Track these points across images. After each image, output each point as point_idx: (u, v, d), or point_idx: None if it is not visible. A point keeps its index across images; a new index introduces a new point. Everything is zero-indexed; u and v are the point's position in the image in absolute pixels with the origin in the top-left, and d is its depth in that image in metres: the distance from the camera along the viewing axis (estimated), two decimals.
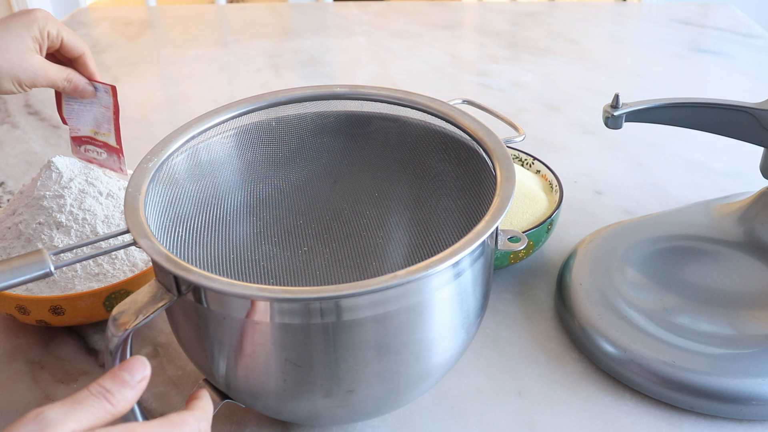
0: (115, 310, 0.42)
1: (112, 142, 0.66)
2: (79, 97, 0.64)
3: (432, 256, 0.41)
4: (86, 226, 0.62)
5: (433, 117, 0.57)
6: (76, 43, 0.62)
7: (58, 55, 0.63)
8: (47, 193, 0.63)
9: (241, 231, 0.59)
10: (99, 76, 0.65)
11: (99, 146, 0.67)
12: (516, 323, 0.63)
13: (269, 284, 0.50)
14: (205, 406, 0.42)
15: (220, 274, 0.47)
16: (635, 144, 0.93)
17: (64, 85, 0.62)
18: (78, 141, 0.68)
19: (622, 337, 0.56)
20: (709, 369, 0.53)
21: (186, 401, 0.43)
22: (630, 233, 0.68)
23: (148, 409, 0.55)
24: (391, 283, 0.40)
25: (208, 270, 0.47)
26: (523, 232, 0.60)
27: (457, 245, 0.42)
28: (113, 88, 0.64)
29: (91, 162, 0.68)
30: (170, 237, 0.50)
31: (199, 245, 0.54)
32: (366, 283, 0.40)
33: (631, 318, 0.58)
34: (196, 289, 0.42)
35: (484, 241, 0.43)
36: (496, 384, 0.57)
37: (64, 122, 0.67)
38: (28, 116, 1.08)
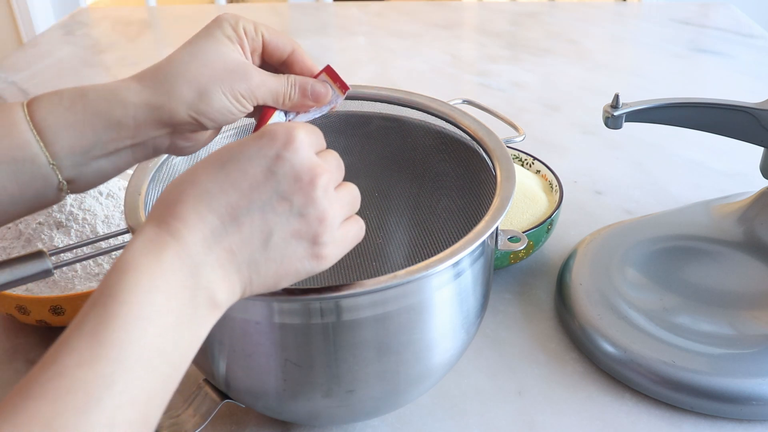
0: None
1: None
2: (313, 103, 0.46)
3: (432, 256, 0.41)
4: (86, 226, 0.62)
5: (433, 117, 0.57)
6: (280, 39, 0.45)
7: (264, 64, 0.46)
8: None
9: None
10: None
11: None
12: (516, 323, 0.63)
13: None
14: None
15: None
16: (635, 144, 0.93)
17: (288, 92, 0.45)
18: None
19: (622, 337, 0.56)
20: (709, 369, 0.53)
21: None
22: (630, 233, 0.68)
23: None
24: (391, 283, 0.40)
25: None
26: (523, 232, 0.60)
27: (457, 245, 0.42)
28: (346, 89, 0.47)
29: None
30: None
31: None
32: (366, 283, 0.40)
33: (631, 318, 0.58)
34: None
35: (484, 241, 0.44)
36: (496, 384, 0.57)
37: None
38: None
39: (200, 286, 0.33)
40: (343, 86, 0.47)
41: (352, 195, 0.39)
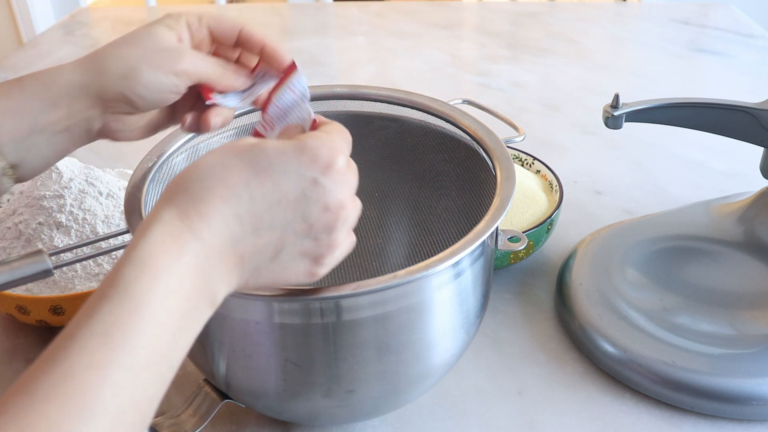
0: None
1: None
2: (245, 85, 0.46)
3: (432, 256, 0.41)
4: (86, 226, 0.62)
5: (433, 117, 0.57)
6: (225, 24, 0.46)
7: (219, 55, 0.47)
8: (47, 193, 0.63)
9: None
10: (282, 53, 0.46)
11: None
12: (516, 323, 0.63)
13: None
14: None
15: None
16: (635, 144, 0.93)
17: (218, 72, 0.45)
18: None
19: (622, 337, 0.56)
20: (709, 369, 0.53)
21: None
22: (630, 233, 0.68)
23: None
24: (391, 283, 0.40)
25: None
26: (523, 232, 0.60)
27: (457, 245, 0.42)
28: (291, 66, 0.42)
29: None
30: None
31: None
32: (366, 283, 0.40)
33: (631, 318, 0.58)
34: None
35: (484, 241, 0.44)
36: (496, 384, 0.57)
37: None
38: None
39: (208, 288, 0.33)
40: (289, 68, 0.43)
41: (358, 211, 0.39)
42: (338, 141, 0.36)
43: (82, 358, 0.28)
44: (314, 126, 0.40)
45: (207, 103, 0.45)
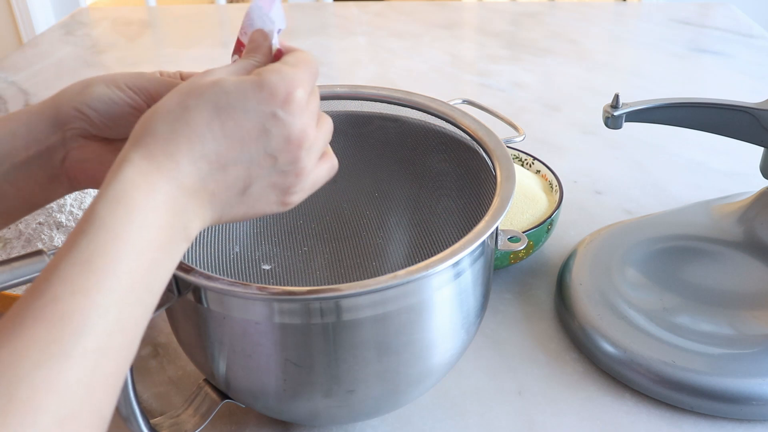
0: None
1: None
2: None
3: (432, 256, 0.41)
4: None
5: (433, 117, 0.57)
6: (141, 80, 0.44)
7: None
8: None
9: (241, 231, 0.59)
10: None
11: None
12: (516, 323, 0.63)
13: (269, 284, 0.50)
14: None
15: (220, 274, 0.47)
16: (635, 144, 0.93)
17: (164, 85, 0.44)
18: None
19: (622, 337, 0.56)
20: (709, 369, 0.53)
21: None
22: (630, 233, 0.68)
23: (148, 410, 0.55)
24: (391, 283, 0.40)
25: (208, 270, 0.47)
26: (523, 232, 0.60)
27: (457, 245, 0.42)
28: None
29: None
30: None
31: (199, 245, 0.54)
32: (366, 283, 0.40)
33: (631, 318, 0.58)
34: (196, 289, 0.42)
35: (484, 241, 0.44)
36: (496, 384, 0.57)
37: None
38: None
39: (181, 224, 0.35)
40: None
41: (327, 135, 0.40)
42: (298, 73, 0.37)
43: (66, 286, 0.30)
44: (278, 55, 0.41)
45: None
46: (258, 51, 0.41)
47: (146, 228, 0.32)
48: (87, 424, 0.29)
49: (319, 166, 0.39)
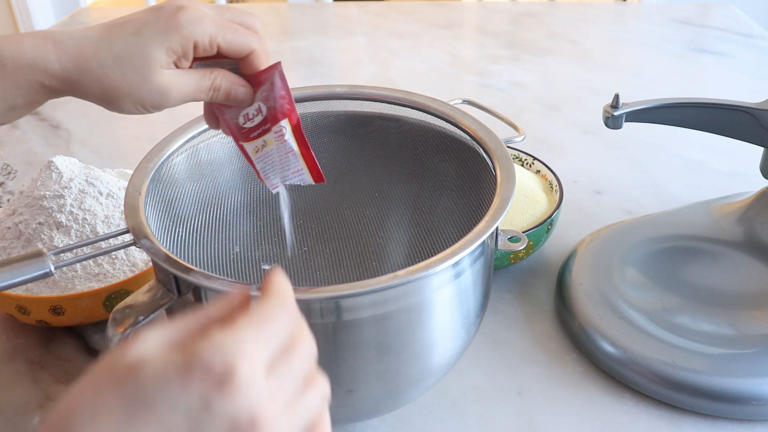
0: (115, 311, 0.42)
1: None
2: (235, 104, 0.45)
3: (432, 256, 0.41)
4: (86, 226, 0.62)
5: (433, 117, 0.57)
6: (238, 43, 0.43)
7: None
8: (47, 193, 0.63)
9: (241, 231, 0.59)
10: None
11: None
12: (516, 323, 0.63)
13: None
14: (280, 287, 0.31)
15: (220, 274, 0.47)
16: (635, 144, 0.93)
17: (211, 95, 0.44)
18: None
19: (622, 337, 0.56)
20: (709, 369, 0.53)
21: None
22: (630, 233, 0.68)
23: None
24: (391, 283, 0.40)
25: (208, 270, 0.47)
26: (523, 232, 0.60)
27: (457, 245, 0.42)
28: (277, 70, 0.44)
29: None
30: (170, 237, 0.50)
31: (199, 245, 0.54)
32: (366, 283, 0.40)
33: (631, 318, 0.58)
34: (197, 289, 0.42)
35: (484, 241, 0.43)
36: (496, 384, 0.57)
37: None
38: (28, 116, 1.08)
39: None
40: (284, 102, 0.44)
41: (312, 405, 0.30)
42: (246, 336, 0.27)
43: None
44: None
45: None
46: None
47: None
48: None
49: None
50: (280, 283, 0.31)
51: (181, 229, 0.52)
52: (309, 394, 0.30)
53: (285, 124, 0.44)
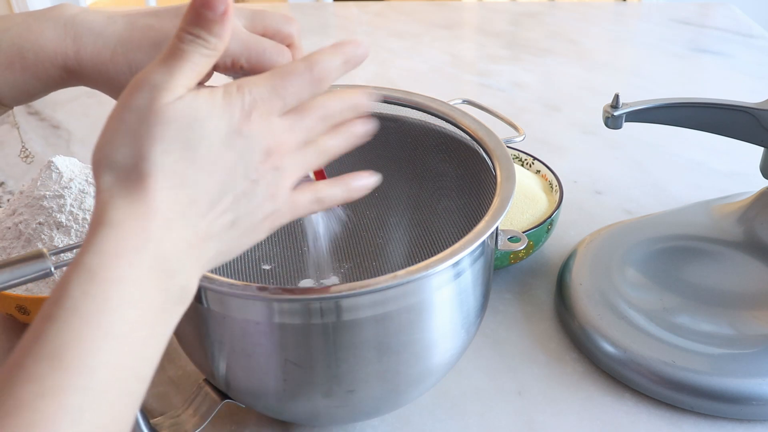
0: None
1: None
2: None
3: (432, 256, 0.41)
4: (86, 226, 0.62)
5: (433, 117, 0.57)
6: (262, 64, 0.41)
7: None
8: (47, 193, 0.63)
9: None
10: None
11: None
12: (516, 323, 0.63)
13: (269, 284, 0.50)
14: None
15: (220, 275, 0.47)
16: (635, 144, 0.93)
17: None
18: None
19: (622, 337, 0.56)
20: (709, 369, 0.53)
21: None
22: (630, 233, 0.68)
23: (148, 410, 0.55)
24: (391, 283, 0.40)
25: (207, 270, 0.47)
26: (523, 232, 0.60)
27: (457, 245, 0.42)
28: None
29: None
30: None
31: None
32: (366, 283, 0.40)
33: (631, 318, 0.58)
34: (197, 289, 0.42)
35: (484, 241, 0.43)
36: (496, 384, 0.57)
37: None
38: (28, 116, 1.08)
39: (174, 288, 0.31)
40: None
41: (310, 159, 0.36)
42: (259, 80, 0.34)
43: (30, 386, 0.25)
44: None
45: None
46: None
47: (127, 307, 0.28)
48: None
49: (295, 194, 0.35)
50: (319, 53, 0.36)
51: None
52: (311, 148, 0.35)
53: None
